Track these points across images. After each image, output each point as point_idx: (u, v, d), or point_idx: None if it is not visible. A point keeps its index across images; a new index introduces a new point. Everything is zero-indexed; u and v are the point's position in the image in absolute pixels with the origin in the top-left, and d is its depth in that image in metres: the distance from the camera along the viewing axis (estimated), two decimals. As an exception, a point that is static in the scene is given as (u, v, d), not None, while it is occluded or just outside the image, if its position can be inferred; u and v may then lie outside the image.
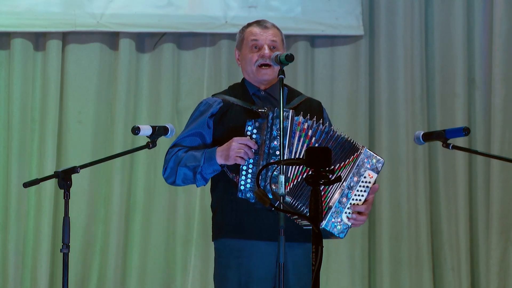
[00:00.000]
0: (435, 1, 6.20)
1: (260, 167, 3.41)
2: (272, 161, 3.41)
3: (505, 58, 6.08)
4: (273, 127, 3.44)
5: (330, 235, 3.49)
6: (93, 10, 5.83)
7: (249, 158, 3.44)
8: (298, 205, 3.43)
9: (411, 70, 6.12)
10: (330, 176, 2.63)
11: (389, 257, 6.02)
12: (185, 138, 3.66)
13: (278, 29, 3.73)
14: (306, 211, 3.40)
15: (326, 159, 2.62)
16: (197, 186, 3.67)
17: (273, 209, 2.75)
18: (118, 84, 5.90)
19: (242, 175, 3.45)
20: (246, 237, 3.54)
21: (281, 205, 3.27)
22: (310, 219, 2.61)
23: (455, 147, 3.78)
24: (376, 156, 3.57)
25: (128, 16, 5.86)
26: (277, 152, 3.41)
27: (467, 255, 6.06)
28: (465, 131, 3.71)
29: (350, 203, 3.51)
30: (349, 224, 3.51)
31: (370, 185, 3.54)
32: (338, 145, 3.53)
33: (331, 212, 3.47)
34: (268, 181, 3.38)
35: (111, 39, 5.97)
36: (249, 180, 3.44)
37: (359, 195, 3.53)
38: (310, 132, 3.49)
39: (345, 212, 3.50)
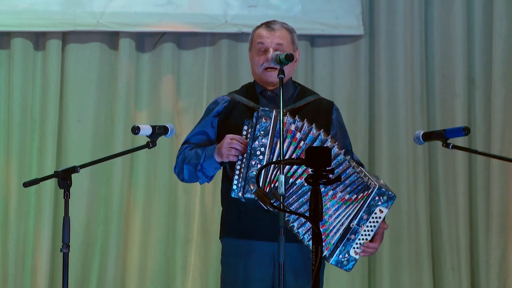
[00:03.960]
0: (435, 1, 6.19)
1: (246, 167, 3.40)
2: (253, 161, 3.39)
3: (505, 58, 6.08)
4: (257, 126, 3.43)
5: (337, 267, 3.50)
6: (93, 9, 5.83)
7: (242, 157, 3.44)
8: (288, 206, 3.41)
9: (411, 70, 6.12)
10: (330, 176, 2.63)
11: (389, 257, 6.02)
12: (193, 136, 3.69)
13: (286, 29, 3.69)
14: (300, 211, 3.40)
15: (326, 159, 2.62)
16: (200, 184, 3.67)
17: (270, 208, 2.74)
18: (118, 84, 5.90)
19: (236, 174, 3.44)
20: (245, 237, 3.55)
21: (281, 205, 3.26)
22: (310, 219, 2.61)
23: (455, 147, 3.77)
24: (387, 193, 3.49)
25: (128, 15, 5.86)
26: (258, 152, 3.39)
27: (467, 255, 6.06)
28: (465, 131, 3.71)
29: (359, 238, 3.47)
30: (357, 257, 3.48)
31: (380, 220, 3.50)
32: (339, 165, 3.47)
33: (339, 249, 3.45)
34: (259, 181, 3.36)
35: (111, 38, 5.97)
36: (240, 180, 3.43)
37: (368, 231, 3.48)
38: (298, 135, 3.46)
39: (353, 247, 3.47)
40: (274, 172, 3.39)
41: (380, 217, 3.49)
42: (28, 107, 5.85)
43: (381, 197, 3.48)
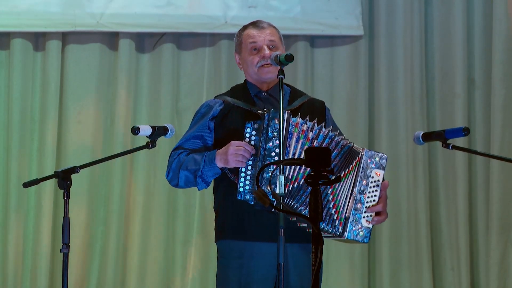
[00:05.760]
0: (435, 1, 6.20)
1: (258, 169, 3.41)
2: (268, 162, 3.41)
3: (505, 58, 6.08)
4: (269, 128, 3.44)
5: (354, 242, 3.54)
6: (93, 10, 5.83)
7: (248, 160, 3.45)
8: (295, 205, 3.43)
9: (411, 70, 6.12)
10: (330, 176, 2.63)
11: (389, 257, 6.02)
12: (187, 141, 3.67)
13: (274, 27, 3.73)
14: (305, 212, 3.41)
15: (326, 159, 2.62)
16: (198, 189, 3.67)
17: (272, 209, 2.75)
18: (118, 84, 5.91)
19: (241, 177, 3.45)
20: (247, 238, 3.55)
21: (281, 205, 3.27)
22: (310, 219, 2.61)
23: (455, 147, 3.77)
24: (377, 154, 3.58)
25: (127, 16, 5.87)
26: (273, 154, 3.41)
27: (467, 255, 6.06)
28: (465, 131, 3.71)
29: (366, 207, 3.53)
30: (370, 226, 3.54)
31: (379, 182, 3.57)
32: (344, 153, 3.53)
33: (349, 221, 3.50)
34: (266, 182, 3.38)
35: (111, 39, 5.97)
36: (248, 182, 3.44)
37: (372, 196, 3.55)
38: (311, 135, 3.49)
39: (364, 217, 3.53)
40: (296, 172, 3.43)
41: (379, 180, 3.56)
42: (28, 108, 5.85)
43: (372, 159, 3.55)
